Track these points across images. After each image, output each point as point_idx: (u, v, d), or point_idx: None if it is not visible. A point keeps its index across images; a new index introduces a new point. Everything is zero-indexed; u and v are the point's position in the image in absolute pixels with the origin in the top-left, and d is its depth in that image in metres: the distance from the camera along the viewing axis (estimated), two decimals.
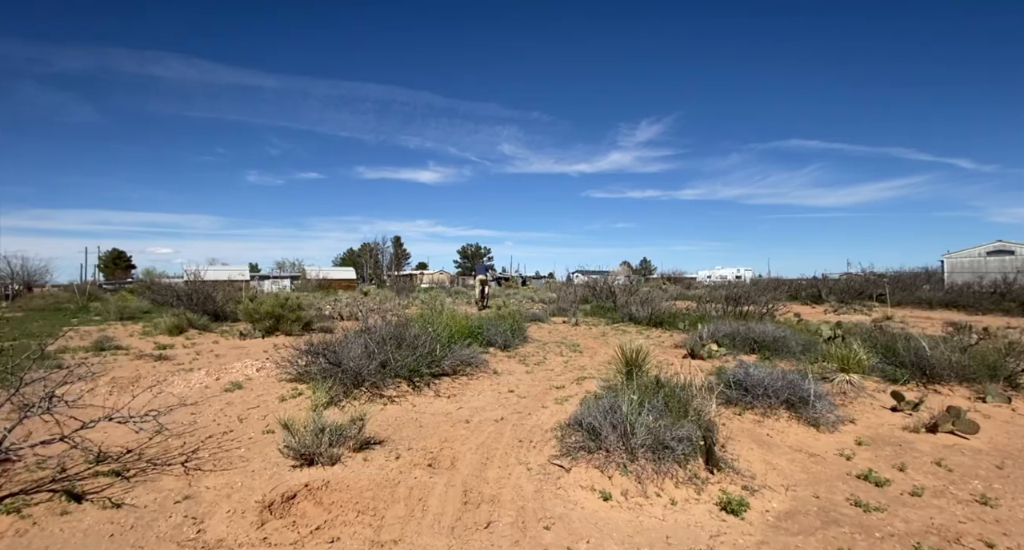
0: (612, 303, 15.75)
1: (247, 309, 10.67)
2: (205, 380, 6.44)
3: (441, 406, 5.34)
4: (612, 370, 6.69)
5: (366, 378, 5.51)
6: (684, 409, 3.97)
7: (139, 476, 3.49)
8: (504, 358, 8.07)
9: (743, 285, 14.29)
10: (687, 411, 3.95)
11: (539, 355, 8.44)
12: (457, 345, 7.07)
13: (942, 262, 38.76)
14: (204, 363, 7.77)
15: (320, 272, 57.92)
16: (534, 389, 6.08)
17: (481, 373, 6.88)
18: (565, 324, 13.67)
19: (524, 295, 28.83)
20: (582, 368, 7.40)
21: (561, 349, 9.16)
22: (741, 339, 8.27)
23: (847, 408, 4.98)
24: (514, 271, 70.21)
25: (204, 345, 9.88)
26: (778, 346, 7.90)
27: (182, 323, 10.96)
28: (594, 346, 9.64)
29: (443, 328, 7.43)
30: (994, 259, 36.22)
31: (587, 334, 11.64)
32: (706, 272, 68.08)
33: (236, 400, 5.53)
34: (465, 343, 7.51)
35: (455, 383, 6.27)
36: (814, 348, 8.00)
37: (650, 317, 12.21)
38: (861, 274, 24.27)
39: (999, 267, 34.52)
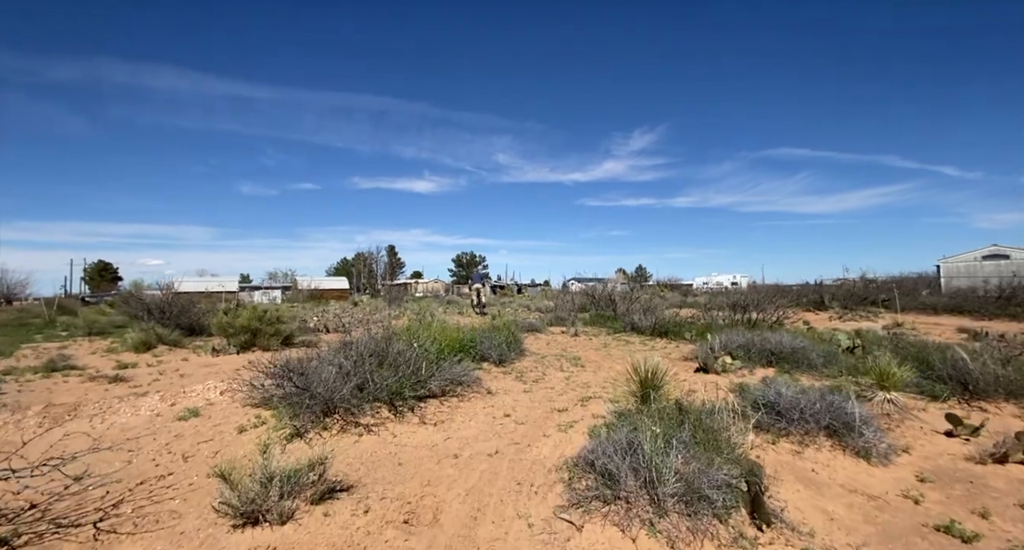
0: (612, 312, 15.09)
1: (221, 323, 9.88)
2: (158, 406, 5.66)
3: (426, 436, 4.60)
4: (621, 389, 6.00)
5: (339, 404, 4.77)
6: (716, 443, 3.28)
7: (31, 546, 2.73)
8: (499, 374, 7.35)
9: (747, 291, 13.70)
10: (719, 445, 3.26)
11: (538, 370, 7.72)
12: (447, 362, 6.35)
13: (938, 267, 38.61)
14: (164, 385, 6.98)
15: (312, 282, 56.82)
16: (533, 412, 5.36)
17: (473, 393, 6.15)
18: (564, 334, 12.97)
19: (520, 303, 28.13)
20: (586, 386, 6.69)
21: (561, 363, 8.45)
22: (756, 351, 7.61)
23: (895, 433, 4.31)
24: (509, 279, 69.51)
25: (171, 363, 9.06)
26: (797, 358, 7.25)
27: (150, 339, 10.13)
28: (597, 359, 8.94)
29: (431, 342, 6.71)
30: (990, 263, 36.06)
31: (588, 345, 10.94)
32: (702, 279, 67.79)
33: (187, 432, 4.76)
34: (456, 359, 6.79)
35: (443, 406, 5.53)
36: (836, 360, 7.38)
37: (654, 326, 11.55)
38: (863, 280, 23.83)
39: (995, 271, 34.36)
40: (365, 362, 5.39)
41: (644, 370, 4.49)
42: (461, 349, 7.67)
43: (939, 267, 37.90)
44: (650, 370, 4.46)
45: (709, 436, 3.38)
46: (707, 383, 6.63)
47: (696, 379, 6.99)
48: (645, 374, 4.45)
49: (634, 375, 4.57)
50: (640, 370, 4.53)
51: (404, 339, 6.89)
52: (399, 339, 6.83)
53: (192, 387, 6.33)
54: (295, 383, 4.69)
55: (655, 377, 4.42)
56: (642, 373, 4.49)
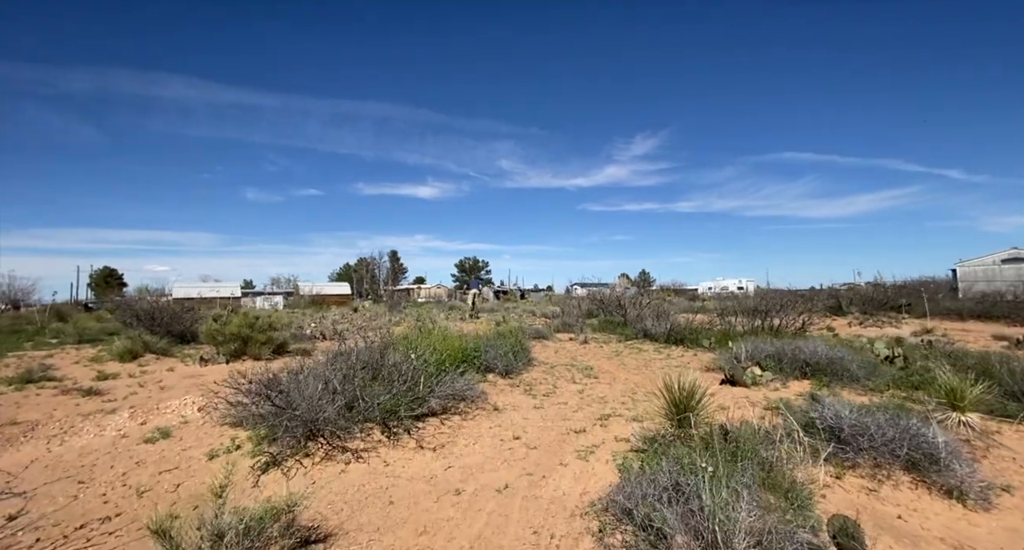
0: (622, 317, 14.41)
1: (210, 331, 9.30)
2: (126, 425, 5.06)
3: (423, 464, 3.96)
4: (644, 406, 5.33)
5: (324, 426, 4.15)
6: (777, 483, 2.63)
7: None
8: (506, 387, 6.70)
9: (764, 295, 12.99)
10: (784, 487, 2.60)
11: (548, 382, 7.07)
12: (448, 375, 5.72)
13: (953, 271, 37.67)
14: (140, 399, 6.39)
15: (314, 288, 56.36)
16: (547, 434, 4.71)
17: (478, 410, 5.51)
18: (572, 341, 12.31)
19: (524, 309, 27.47)
20: (602, 400, 6.03)
21: (573, 374, 7.79)
22: (788, 361, 6.92)
23: (984, 466, 3.63)
24: (512, 285, 68.85)
25: (155, 373, 8.48)
26: (835, 369, 6.56)
27: (136, 347, 9.57)
28: (611, 369, 8.27)
29: (431, 352, 6.08)
30: (1009, 267, 35.09)
31: (599, 353, 10.27)
32: (708, 283, 66.84)
33: (152, 457, 4.15)
34: (458, 370, 6.16)
35: (444, 427, 4.89)
36: (877, 371, 6.68)
37: (668, 333, 10.86)
38: (877, 284, 23.00)
39: (1015, 275, 33.38)
40: (355, 377, 4.77)
41: (679, 388, 3.84)
42: (464, 359, 7.04)
43: (955, 271, 36.93)
44: (686, 389, 3.80)
45: (769, 475, 2.72)
46: (737, 398, 5.95)
47: (724, 393, 6.31)
48: (680, 395, 3.80)
49: (667, 395, 3.91)
50: (674, 388, 3.88)
51: (402, 349, 6.28)
52: (396, 349, 6.22)
53: (168, 402, 5.73)
54: (274, 402, 4.07)
55: (692, 398, 3.76)
56: (676, 392, 3.83)
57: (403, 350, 6.01)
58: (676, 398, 3.81)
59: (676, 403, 3.79)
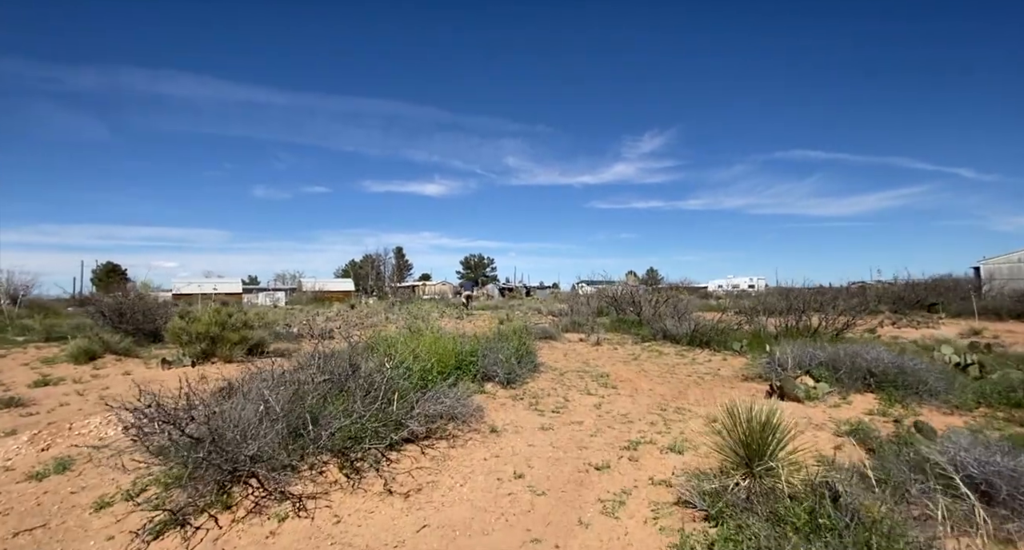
0: (636, 316, 13.24)
1: (175, 329, 8.26)
2: (22, 451, 3.99)
3: (388, 520, 2.85)
4: (677, 424, 4.15)
5: (258, 463, 3.04)
6: None
7: None
8: (507, 400, 5.58)
9: (796, 292, 11.78)
10: None
11: (557, 394, 5.94)
12: (435, 388, 4.61)
13: (976, 269, 36.12)
14: (70, 412, 5.34)
15: (317, 284, 55.55)
16: (558, 471, 3.58)
17: (471, 432, 4.39)
18: (583, 342, 11.16)
19: (530, 306, 26.34)
20: (626, 419, 4.89)
21: (586, 382, 6.66)
22: (847, 370, 5.74)
23: None
24: (518, 282, 67.68)
25: (108, 377, 7.45)
26: (907, 381, 5.37)
27: (94, 347, 8.55)
28: (630, 377, 7.12)
29: (414, 358, 4.97)
30: None
31: (614, 357, 9.12)
32: (718, 281, 65.40)
33: (21, 505, 3.06)
34: (450, 380, 5.05)
35: (426, 458, 3.78)
36: (954, 382, 5.49)
37: (692, 334, 9.68)
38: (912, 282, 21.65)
39: None
40: (309, 393, 3.65)
41: (747, 420, 2.69)
42: (459, 366, 5.93)
43: (978, 269, 35.40)
44: (757, 424, 2.64)
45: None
46: (795, 418, 4.78)
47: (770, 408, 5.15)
48: (747, 433, 2.64)
49: (736, 437, 2.76)
50: (738, 419, 2.73)
51: (383, 353, 5.18)
52: (374, 354, 5.12)
53: (89, 419, 4.66)
54: (184, 431, 2.96)
55: (768, 439, 2.61)
56: (744, 427, 2.68)
57: (384, 356, 4.90)
58: (745, 433, 2.66)
59: (746, 441, 2.64)
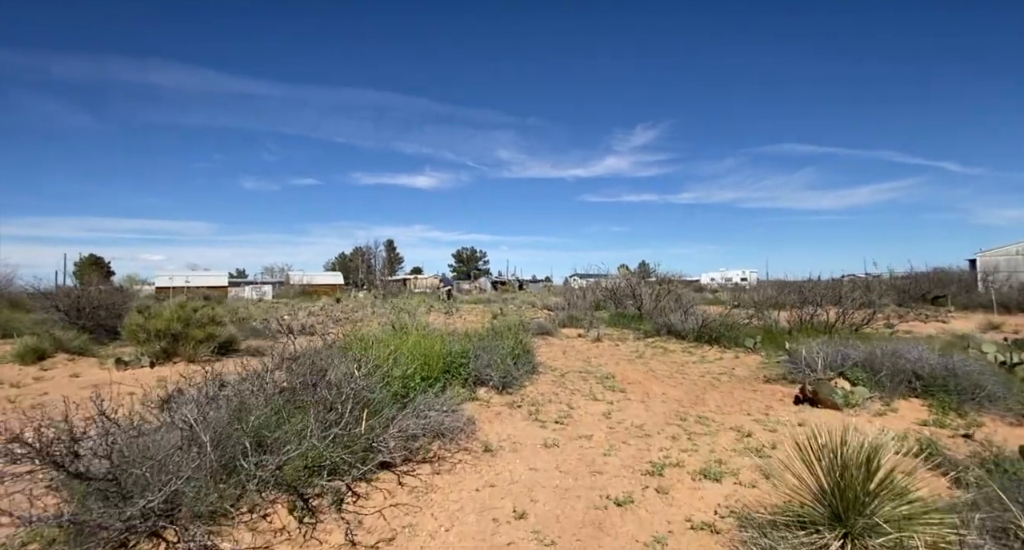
0: (637, 310, 12.57)
1: (132, 326, 7.41)
2: None
3: None
4: (704, 438, 3.42)
5: (177, 509, 2.28)
6: None
7: None
8: (503, 408, 4.85)
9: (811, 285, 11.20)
10: None
11: (559, 399, 5.22)
12: (419, 397, 3.87)
13: (971, 261, 36.08)
14: None
15: (304, 278, 54.32)
16: (568, 507, 2.86)
17: (460, 452, 3.66)
18: (582, 338, 10.47)
19: (524, 300, 25.63)
20: (641, 431, 4.18)
21: (591, 385, 5.95)
22: (888, 371, 5.08)
23: None
24: (511, 275, 66.92)
25: (55, 380, 6.61)
26: (960, 384, 4.73)
27: (44, 346, 7.68)
28: (638, 378, 6.43)
29: (393, 362, 4.21)
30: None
31: (617, 355, 8.43)
32: (711, 274, 65.24)
33: None
34: (437, 386, 4.31)
35: (403, 489, 3.04)
36: (1016, 388, 4.86)
37: (699, 330, 9.02)
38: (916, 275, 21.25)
39: None
40: (257, 409, 2.89)
41: (834, 454, 1.97)
42: (447, 369, 5.18)
43: (973, 261, 35.34)
44: (856, 457, 1.92)
45: None
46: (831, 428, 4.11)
47: (807, 418, 4.48)
48: (843, 465, 1.92)
49: (811, 459, 2.04)
50: (823, 452, 2.01)
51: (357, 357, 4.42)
52: (349, 356, 4.36)
53: None
54: (67, 468, 2.19)
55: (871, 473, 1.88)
56: (830, 457, 1.96)
57: (357, 359, 4.14)
58: (836, 473, 1.94)
59: (837, 485, 1.92)
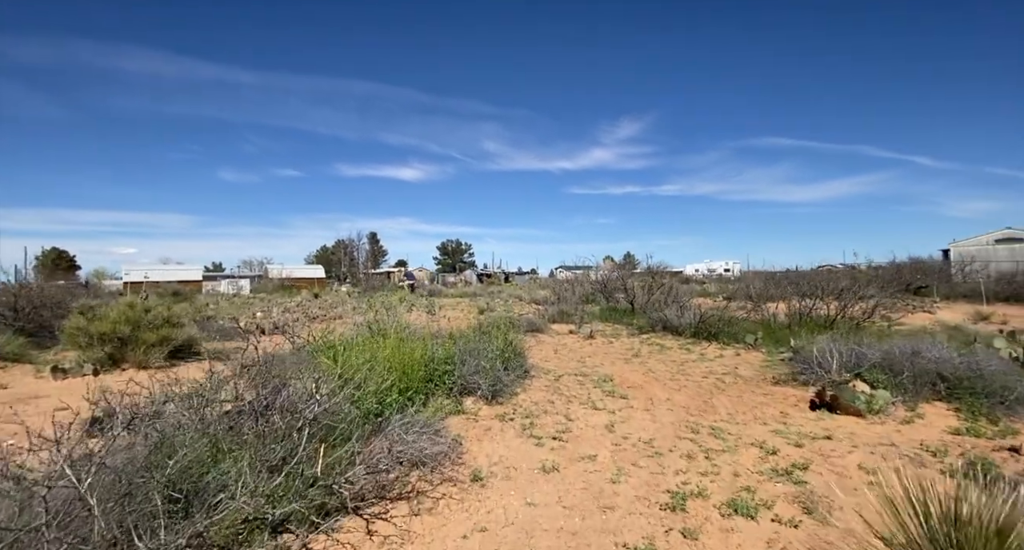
0: (629, 304, 12.13)
1: (72, 330, 6.59)
2: None
3: None
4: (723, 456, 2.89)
5: None
6: None
7: None
8: (493, 422, 4.29)
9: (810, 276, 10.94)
10: None
11: (555, 410, 4.69)
12: (396, 415, 3.27)
13: (944, 252, 36.95)
14: None
15: (284, 271, 52.60)
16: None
17: (444, 482, 3.08)
18: (573, 335, 9.98)
19: (510, 293, 25.08)
20: (651, 449, 3.67)
21: (588, 390, 5.44)
22: (911, 373, 4.68)
23: None
24: (496, 268, 66.29)
25: None
26: (989, 387, 4.35)
27: None
28: (638, 380, 5.94)
29: (365, 372, 3.60)
30: (1003, 247, 34.56)
31: (611, 353, 7.96)
32: (695, 265, 65.82)
33: None
34: (415, 405, 3.72)
35: (372, 541, 2.45)
36: None
37: (696, 326, 8.60)
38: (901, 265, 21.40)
39: (1009, 255, 32.84)
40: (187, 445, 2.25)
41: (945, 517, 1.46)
42: (430, 378, 4.59)
43: (947, 252, 36.15)
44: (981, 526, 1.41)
45: None
46: (870, 445, 3.67)
47: (831, 428, 4.05)
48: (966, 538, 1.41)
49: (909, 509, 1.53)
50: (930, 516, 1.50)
51: (325, 367, 3.80)
52: (313, 365, 3.74)
53: None
54: None
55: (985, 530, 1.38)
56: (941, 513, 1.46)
57: (320, 373, 3.52)
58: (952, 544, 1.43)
59: None
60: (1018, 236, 33.93)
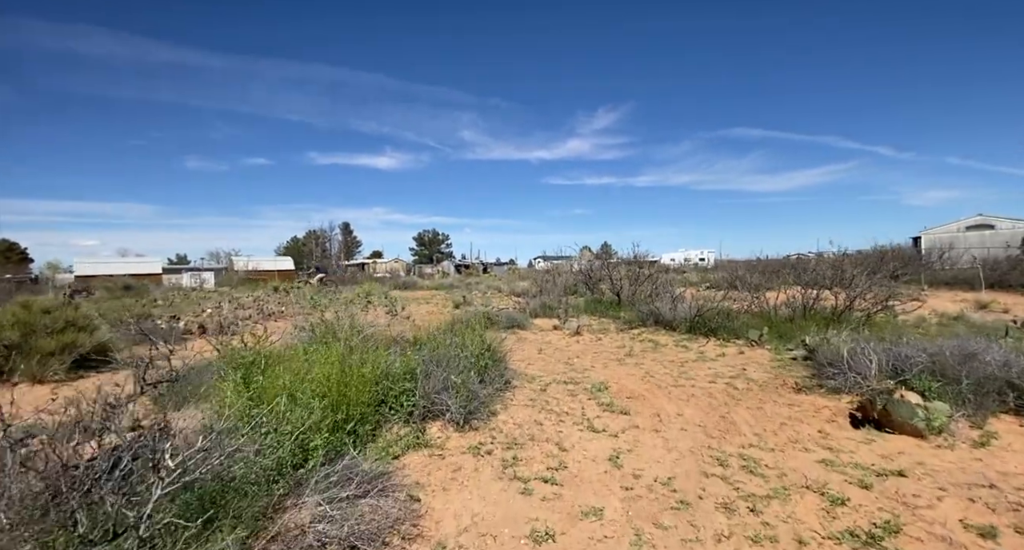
0: (616, 296, 11.29)
1: None
2: None
3: None
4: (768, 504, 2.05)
5: None
6: None
7: None
8: (464, 458, 3.30)
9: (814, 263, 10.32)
10: None
11: (544, 435, 3.73)
12: (326, 464, 2.25)
13: (914, 239, 37.67)
14: None
15: (250, 263, 50.01)
16: None
17: None
18: (557, 331, 9.07)
19: (489, 284, 24.06)
20: (674, 496, 2.76)
21: (581, 403, 4.51)
22: (977, 379, 3.91)
23: None
24: (475, 258, 65.01)
25: None
26: None
27: None
28: (637, 388, 5.04)
29: (286, 401, 2.55)
30: (974, 234, 35.43)
31: (602, 352, 7.07)
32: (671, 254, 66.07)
33: None
34: (366, 428, 2.70)
35: None
36: None
37: (693, 320, 7.79)
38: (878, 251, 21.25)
39: (979, 242, 33.65)
40: None
41: None
42: (383, 399, 3.56)
43: (917, 239, 36.83)
44: None
45: None
46: (945, 479, 2.85)
47: (892, 453, 3.23)
48: None
49: None
50: None
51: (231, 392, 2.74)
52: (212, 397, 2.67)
53: None
54: None
55: None
56: None
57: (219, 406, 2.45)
58: None
59: None
60: (989, 222, 34.77)
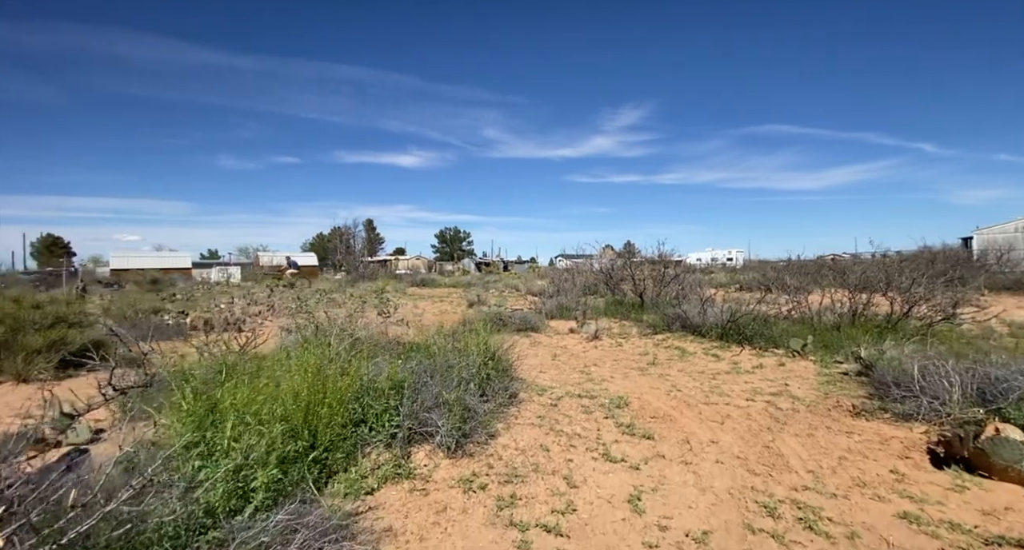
0: (639, 297, 10.57)
1: None
2: None
3: None
4: None
5: None
6: None
7: None
8: (451, 493, 2.76)
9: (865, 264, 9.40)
10: None
11: (551, 464, 3.16)
12: (275, 508, 1.75)
13: (964, 240, 35.18)
14: None
15: (275, 258, 50.97)
16: None
17: None
18: (574, 334, 8.45)
19: (507, 283, 23.57)
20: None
21: (597, 423, 3.91)
22: None
23: None
24: (495, 256, 64.57)
25: None
26: None
27: None
28: (662, 405, 4.40)
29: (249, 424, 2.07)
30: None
31: (621, 359, 6.43)
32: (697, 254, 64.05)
33: None
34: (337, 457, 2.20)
35: None
36: None
37: (726, 326, 7.05)
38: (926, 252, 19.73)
39: None
40: None
41: None
42: (363, 418, 3.06)
43: (967, 240, 34.43)
44: None
45: None
46: None
47: (987, 505, 2.53)
48: None
49: None
50: None
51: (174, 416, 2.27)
52: None
53: None
54: None
55: None
56: None
57: None
58: None
59: None
60: None
